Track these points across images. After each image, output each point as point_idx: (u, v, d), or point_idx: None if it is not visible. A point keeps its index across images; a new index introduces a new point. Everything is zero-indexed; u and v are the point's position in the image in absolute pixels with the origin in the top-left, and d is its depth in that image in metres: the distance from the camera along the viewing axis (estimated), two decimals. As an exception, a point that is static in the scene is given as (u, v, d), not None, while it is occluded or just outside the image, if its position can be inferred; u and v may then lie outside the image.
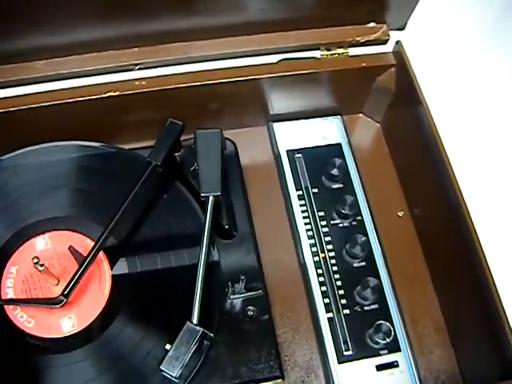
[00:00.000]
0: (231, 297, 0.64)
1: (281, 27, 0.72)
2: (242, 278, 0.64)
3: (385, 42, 0.75)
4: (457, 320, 0.69)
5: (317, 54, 0.74)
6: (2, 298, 0.60)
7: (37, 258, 0.56)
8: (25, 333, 0.59)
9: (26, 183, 0.67)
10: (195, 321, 0.57)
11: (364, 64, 0.74)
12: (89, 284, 0.62)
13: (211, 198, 0.64)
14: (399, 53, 0.73)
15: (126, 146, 0.74)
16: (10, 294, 0.60)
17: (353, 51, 0.75)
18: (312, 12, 0.71)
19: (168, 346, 0.55)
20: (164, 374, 0.54)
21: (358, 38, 0.73)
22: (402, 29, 0.74)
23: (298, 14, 0.71)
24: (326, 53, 0.73)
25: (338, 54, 0.74)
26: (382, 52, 0.75)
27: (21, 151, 0.68)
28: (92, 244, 0.61)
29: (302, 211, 0.74)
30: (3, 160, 0.68)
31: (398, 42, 0.73)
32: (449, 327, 0.70)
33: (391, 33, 0.74)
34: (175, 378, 0.54)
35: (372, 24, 0.74)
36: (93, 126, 0.70)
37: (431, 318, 0.71)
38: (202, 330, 0.56)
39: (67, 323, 0.59)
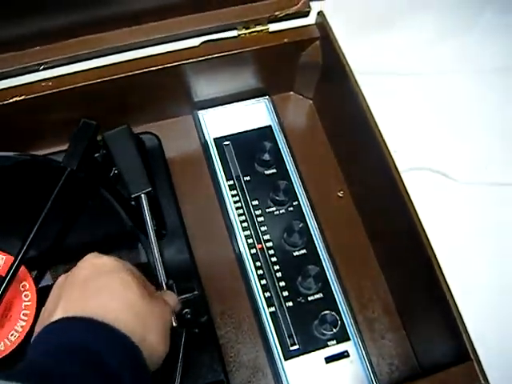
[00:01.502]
0: (165, 302, 0.61)
1: (193, 10, 0.67)
2: (171, 282, 0.60)
3: (306, 14, 0.70)
4: (406, 301, 0.66)
5: (235, 33, 0.69)
6: None
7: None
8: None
9: None
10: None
11: (286, 40, 0.69)
12: (13, 303, 0.58)
13: (143, 196, 0.62)
14: (322, 24, 0.69)
15: (48, 151, 0.70)
16: None
17: (273, 27, 0.70)
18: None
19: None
20: None
21: (277, 13, 0.68)
22: (322, -2, 0.70)
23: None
24: (244, 31, 0.69)
25: (258, 31, 0.69)
26: (304, 25, 0.71)
27: None
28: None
29: (235, 202, 0.69)
30: None
31: (319, 13, 0.69)
32: (399, 309, 0.67)
33: (312, 4, 0.69)
34: None
35: (290, -4, 0.69)
36: (2, 135, 0.65)
37: (380, 301, 0.68)
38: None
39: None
